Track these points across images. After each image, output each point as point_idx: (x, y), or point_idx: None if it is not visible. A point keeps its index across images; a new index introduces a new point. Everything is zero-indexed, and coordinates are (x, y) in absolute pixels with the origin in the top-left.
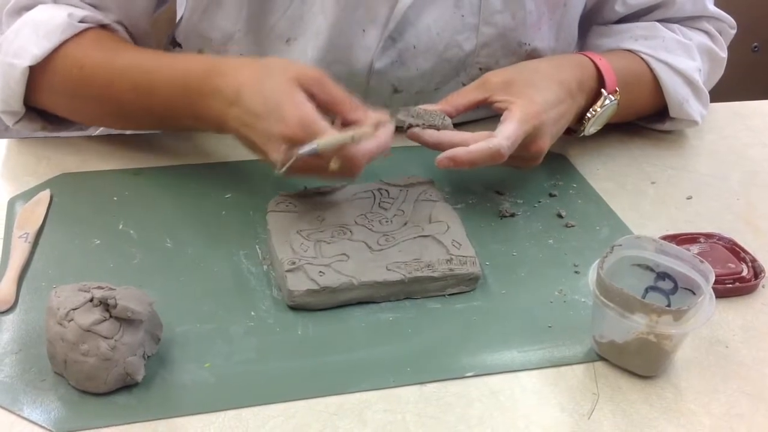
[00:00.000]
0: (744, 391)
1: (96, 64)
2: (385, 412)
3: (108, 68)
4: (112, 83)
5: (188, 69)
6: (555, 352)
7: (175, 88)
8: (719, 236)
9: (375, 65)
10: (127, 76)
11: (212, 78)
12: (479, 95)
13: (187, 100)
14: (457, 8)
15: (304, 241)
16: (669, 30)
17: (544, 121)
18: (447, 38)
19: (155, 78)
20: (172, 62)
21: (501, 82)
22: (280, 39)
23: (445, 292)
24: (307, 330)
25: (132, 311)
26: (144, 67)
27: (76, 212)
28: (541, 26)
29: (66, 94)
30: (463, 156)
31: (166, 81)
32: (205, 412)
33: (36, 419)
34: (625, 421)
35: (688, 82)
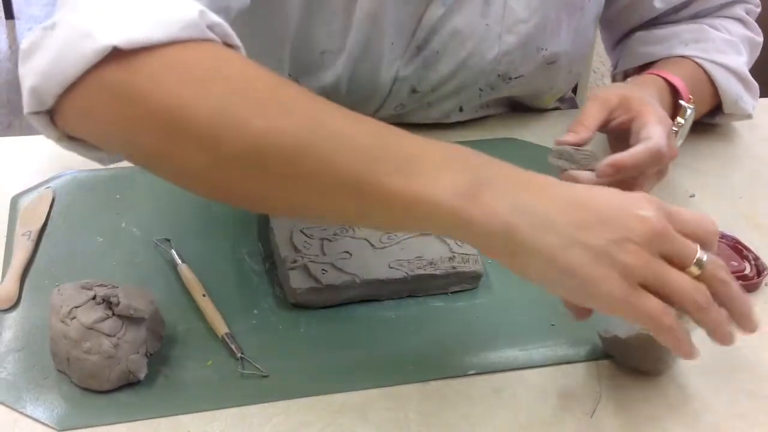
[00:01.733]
0: (746, 389)
1: (302, 92)
2: (387, 410)
3: (325, 104)
4: (325, 122)
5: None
6: (557, 350)
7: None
8: (722, 234)
9: (400, 73)
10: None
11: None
12: (602, 114)
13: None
14: (483, 17)
15: (306, 239)
16: (715, 29)
17: (671, 126)
18: (470, 46)
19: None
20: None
21: (618, 99)
22: (315, 50)
23: (447, 290)
24: (309, 328)
25: (134, 309)
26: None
27: (79, 210)
28: (560, 32)
29: (168, 113)
30: (627, 160)
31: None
32: (208, 409)
33: (39, 417)
34: (628, 419)
35: (740, 78)
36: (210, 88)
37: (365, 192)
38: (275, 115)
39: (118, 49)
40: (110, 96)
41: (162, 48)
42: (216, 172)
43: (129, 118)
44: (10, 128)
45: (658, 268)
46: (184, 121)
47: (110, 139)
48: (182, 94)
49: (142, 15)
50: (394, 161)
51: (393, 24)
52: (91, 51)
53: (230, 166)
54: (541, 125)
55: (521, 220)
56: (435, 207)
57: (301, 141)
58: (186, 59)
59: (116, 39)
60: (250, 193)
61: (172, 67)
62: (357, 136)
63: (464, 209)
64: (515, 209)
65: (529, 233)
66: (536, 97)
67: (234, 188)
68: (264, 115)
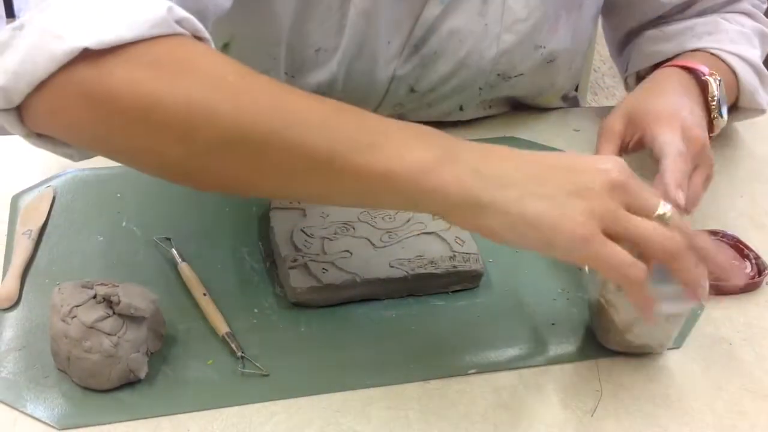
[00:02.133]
0: (747, 388)
1: (267, 81)
2: (388, 409)
3: (290, 91)
4: (291, 108)
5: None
6: (558, 349)
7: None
8: (723, 233)
9: (397, 72)
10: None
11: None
12: (614, 145)
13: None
14: (481, 16)
15: (307, 238)
16: (728, 22)
17: (684, 118)
18: (469, 45)
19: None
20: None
21: (622, 120)
22: (310, 47)
23: (448, 289)
24: (310, 327)
25: (135, 308)
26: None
27: (80, 209)
28: (558, 29)
29: (141, 109)
30: (670, 181)
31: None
32: (209, 408)
33: (39, 416)
34: (629, 418)
35: (756, 71)
36: (180, 81)
37: (336, 170)
38: (245, 103)
39: (88, 49)
40: (82, 95)
41: (131, 46)
42: (192, 162)
43: (102, 116)
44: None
45: (621, 215)
46: (158, 115)
47: (82, 137)
48: (154, 89)
49: (110, 15)
50: (361, 140)
51: (388, 22)
52: (61, 52)
53: (206, 156)
54: (543, 124)
55: (481, 183)
56: (402, 180)
57: (272, 126)
58: (155, 55)
59: (86, 40)
60: (226, 179)
61: (142, 63)
62: (324, 118)
63: (428, 180)
64: (475, 175)
65: (489, 192)
66: (538, 95)
67: (210, 176)
68: (235, 104)
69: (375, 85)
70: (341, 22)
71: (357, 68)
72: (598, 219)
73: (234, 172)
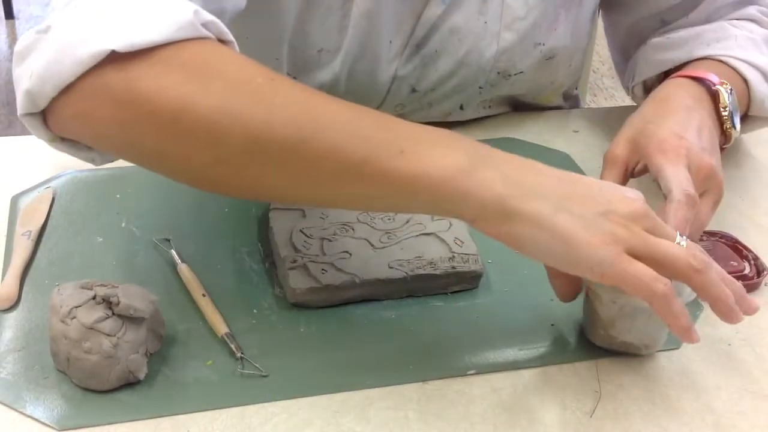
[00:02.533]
0: (746, 389)
1: (295, 85)
2: (387, 410)
3: (318, 96)
4: (320, 112)
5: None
6: (557, 350)
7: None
8: (722, 234)
9: (398, 72)
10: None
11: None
12: (619, 175)
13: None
14: (481, 14)
15: (306, 239)
16: (736, 28)
17: (689, 144)
18: (469, 44)
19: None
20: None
21: (625, 148)
22: (312, 47)
23: (447, 290)
24: (309, 328)
25: (134, 309)
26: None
27: (79, 210)
28: (557, 27)
29: (169, 114)
30: (695, 230)
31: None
32: (208, 409)
33: (39, 416)
34: (628, 419)
35: (767, 78)
36: (209, 86)
37: (366, 175)
38: (275, 107)
39: (115, 52)
40: (109, 98)
41: (159, 49)
42: (219, 167)
43: (130, 120)
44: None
45: (646, 237)
46: (186, 119)
47: (108, 141)
48: (182, 94)
49: (137, 17)
50: (392, 144)
51: (391, 22)
52: (88, 55)
53: (234, 161)
54: (542, 125)
55: (512, 191)
56: (434, 184)
57: (302, 131)
58: (183, 58)
59: (114, 43)
60: (254, 185)
61: (170, 67)
62: (354, 122)
63: (460, 184)
64: (507, 182)
65: (520, 201)
66: (538, 93)
67: (238, 182)
68: (264, 108)
69: (377, 85)
70: (343, 22)
71: (359, 68)
72: (624, 240)
73: (262, 178)
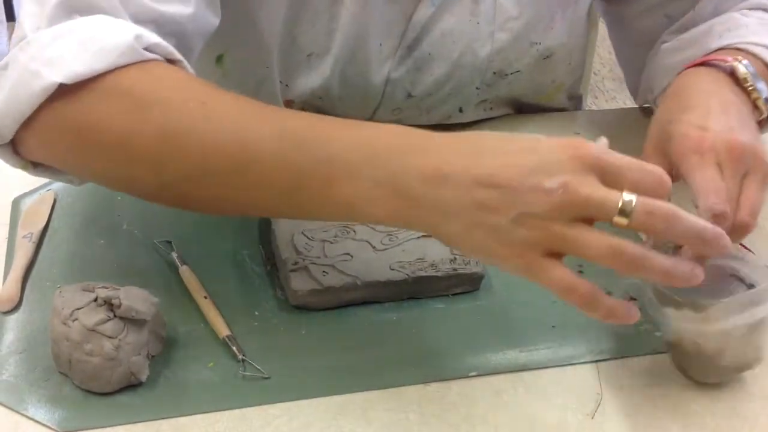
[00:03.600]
0: (748, 391)
1: (229, 107)
2: (388, 412)
3: (250, 118)
4: (250, 143)
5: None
6: (559, 351)
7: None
8: None
9: (391, 75)
10: (284, 139)
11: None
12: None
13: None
14: (473, 16)
15: (307, 241)
16: (746, 17)
17: (713, 137)
18: (462, 46)
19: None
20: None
21: (654, 154)
22: (301, 52)
23: (448, 292)
24: (310, 330)
25: (136, 311)
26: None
27: (81, 212)
28: (554, 25)
29: (116, 143)
30: (749, 211)
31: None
32: (209, 411)
33: (40, 418)
34: (629, 420)
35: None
36: (148, 114)
37: (303, 200)
38: (208, 135)
39: (63, 84)
40: (61, 129)
41: (103, 77)
42: (166, 191)
43: (80, 149)
44: None
45: (564, 236)
46: (130, 148)
47: (69, 167)
48: (124, 123)
49: (82, 48)
50: (320, 174)
51: (380, 24)
52: (40, 88)
53: (177, 186)
54: (543, 127)
55: (426, 213)
56: (358, 212)
57: (236, 162)
58: (124, 86)
59: (60, 76)
60: (200, 204)
61: (112, 96)
62: (283, 151)
63: (366, 212)
64: (415, 205)
65: (435, 223)
66: (538, 92)
67: (185, 202)
68: (198, 136)
69: (370, 89)
70: (330, 25)
71: (350, 72)
72: (539, 244)
73: (206, 199)
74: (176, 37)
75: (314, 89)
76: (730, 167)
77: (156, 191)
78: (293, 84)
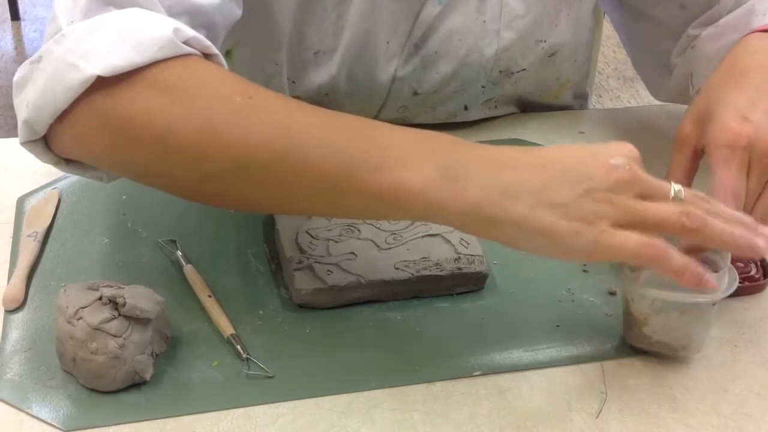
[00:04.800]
0: (753, 390)
1: (275, 101)
2: (393, 411)
3: (297, 110)
4: (297, 131)
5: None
6: (563, 351)
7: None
8: None
9: (398, 73)
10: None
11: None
12: (688, 158)
13: None
14: (480, 14)
15: (312, 240)
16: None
17: (753, 130)
18: (469, 44)
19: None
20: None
21: (694, 125)
22: (308, 50)
23: (453, 291)
24: (314, 329)
25: (141, 310)
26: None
27: (85, 211)
28: (558, 23)
29: (156, 137)
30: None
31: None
32: (214, 410)
33: (45, 417)
34: (633, 420)
35: None
36: (191, 108)
37: (344, 190)
38: (252, 128)
39: (101, 77)
40: (99, 123)
41: (142, 71)
42: (205, 186)
43: (118, 143)
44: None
45: (631, 207)
46: (170, 142)
47: (104, 162)
48: (165, 117)
49: (119, 41)
50: (366, 159)
51: (387, 23)
52: (77, 82)
53: (217, 180)
54: (548, 126)
55: (488, 196)
56: (409, 197)
57: (278, 152)
58: (165, 80)
59: (98, 68)
60: (239, 200)
61: (153, 89)
62: (329, 138)
63: (436, 196)
64: (481, 187)
65: (496, 207)
66: (544, 89)
67: (224, 197)
68: (243, 129)
69: (376, 87)
70: (338, 23)
71: (357, 69)
72: (607, 216)
73: (247, 194)
74: (206, 28)
75: (321, 86)
76: (758, 169)
77: (195, 186)
78: (300, 81)
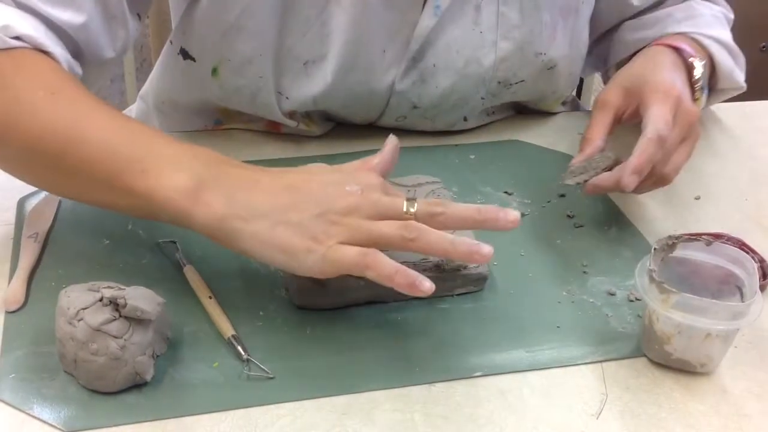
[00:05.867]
0: (752, 392)
1: (77, 100)
2: (393, 412)
3: (93, 110)
4: (83, 125)
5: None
6: (563, 352)
7: None
8: (727, 236)
9: (397, 87)
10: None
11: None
12: (608, 118)
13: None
14: (476, 25)
15: None
16: (701, 6)
17: (680, 91)
18: (467, 55)
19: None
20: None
21: (619, 93)
22: (297, 61)
23: (453, 292)
24: (315, 330)
25: (141, 311)
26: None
27: (86, 212)
28: (556, 36)
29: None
30: (639, 162)
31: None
32: (214, 411)
33: (46, 418)
34: (634, 421)
35: (730, 51)
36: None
37: (116, 188)
38: (47, 121)
39: None
40: None
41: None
42: (5, 163)
43: None
44: None
45: (357, 226)
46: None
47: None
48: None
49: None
50: (137, 163)
51: (381, 30)
52: None
53: (14, 161)
54: (547, 128)
55: (234, 211)
56: (163, 203)
57: (64, 144)
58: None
59: None
60: (37, 181)
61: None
62: (112, 140)
63: (185, 206)
64: (230, 205)
65: (241, 222)
66: (540, 101)
67: (22, 176)
68: (38, 119)
69: (373, 97)
70: (322, 31)
71: (353, 79)
72: (337, 235)
73: (41, 177)
74: (63, 40)
75: (315, 97)
76: (680, 125)
77: (2, 163)
78: (293, 93)
